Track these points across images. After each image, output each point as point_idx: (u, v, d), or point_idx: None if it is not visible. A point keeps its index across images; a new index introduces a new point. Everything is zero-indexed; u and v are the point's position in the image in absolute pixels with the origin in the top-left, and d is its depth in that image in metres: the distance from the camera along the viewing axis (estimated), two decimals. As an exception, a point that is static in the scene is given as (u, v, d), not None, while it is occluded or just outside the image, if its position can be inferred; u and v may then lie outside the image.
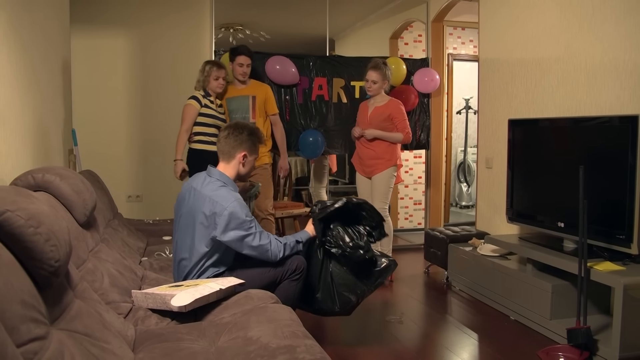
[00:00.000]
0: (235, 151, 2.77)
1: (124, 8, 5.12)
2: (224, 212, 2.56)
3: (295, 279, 2.76)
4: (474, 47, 6.79)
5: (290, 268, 2.73)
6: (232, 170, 2.79)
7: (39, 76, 3.10)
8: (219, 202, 2.58)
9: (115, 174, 5.08)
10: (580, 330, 2.79)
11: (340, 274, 2.90)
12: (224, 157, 2.81)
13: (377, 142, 4.46)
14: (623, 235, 2.91)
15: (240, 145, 2.77)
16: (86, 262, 2.24)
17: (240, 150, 2.77)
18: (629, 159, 2.86)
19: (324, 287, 2.91)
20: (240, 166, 2.80)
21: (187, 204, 2.76)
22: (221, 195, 2.62)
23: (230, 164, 2.79)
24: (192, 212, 2.68)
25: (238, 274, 2.63)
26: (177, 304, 2.14)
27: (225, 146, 2.79)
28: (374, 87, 4.43)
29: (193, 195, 2.73)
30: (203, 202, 2.63)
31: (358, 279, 2.89)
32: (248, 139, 2.79)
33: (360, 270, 2.89)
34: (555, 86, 3.79)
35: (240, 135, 2.78)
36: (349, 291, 2.88)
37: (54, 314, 1.52)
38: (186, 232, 2.72)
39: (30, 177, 2.28)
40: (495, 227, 4.47)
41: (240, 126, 2.82)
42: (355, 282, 2.89)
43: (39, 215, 1.48)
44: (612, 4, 3.28)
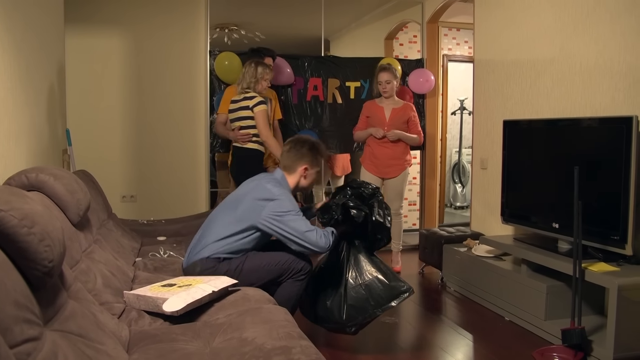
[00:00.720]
0: (297, 165, 2.92)
1: (119, 7, 5.10)
2: (274, 199, 2.71)
3: (299, 279, 2.78)
4: (469, 48, 6.80)
5: (295, 268, 2.76)
6: (293, 180, 2.94)
7: (33, 76, 3.09)
8: (273, 192, 2.73)
9: (110, 174, 5.06)
10: (574, 330, 2.79)
11: (354, 286, 2.90)
12: (286, 169, 2.94)
13: (397, 143, 4.69)
14: (617, 236, 2.92)
15: (302, 159, 2.92)
16: (80, 263, 2.22)
17: (302, 164, 2.92)
18: (623, 160, 2.87)
19: (336, 296, 2.91)
20: (302, 179, 2.95)
21: (240, 190, 2.88)
22: (277, 190, 2.76)
23: (291, 176, 2.94)
24: (240, 196, 2.81)
25: (251, 258, 2.73)
26: (169, 309, 2.12)
27: (287, 160, 2.94)
28: (389, 87, 4.66)
29: (250, 184, 2.87)
30: (257, 189, 2.78)
31: (370, 296, 2.87)
32: (309, 152, 2.93)
33: (373, 288, 2.89)
34: (550, 87, 3.80)
35: (302, 149, 2.92)
36: (359, 307, 2.87)
37: (48, 314, 1.51)
38: (224, 212, 2.83)
39: (23, 177, 2.27)
40: (490, 228, 4.48)
41: (302, 140, 2.97)
42: (367, 299, 2.87)
43: (33, 215, 1.47)
44: (606, 6, 3.29)
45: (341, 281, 2.92)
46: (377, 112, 4.71)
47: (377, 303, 2.87)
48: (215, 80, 5.05)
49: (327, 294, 2.94)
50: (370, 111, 4.77)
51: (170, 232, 4.02)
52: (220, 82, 5.04)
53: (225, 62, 4.96)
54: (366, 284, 2.89)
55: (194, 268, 2.74)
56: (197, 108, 5.32)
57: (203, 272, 2.70)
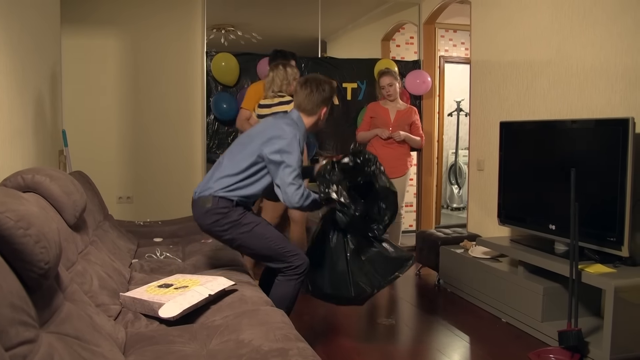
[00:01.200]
0: (318, 108, 2.90)
1: (115, 8, 5.09)
2: (285, 138, 2.71)
3: (294, 278, 2.78)
4: (465, 50, 6.81)
5: (294, 263, 2.77)
6: (311, 121, 2.93)
7: (29, 76, 3.08)
8: (285, 131, 2.73)
9: (106, 175, 5.04)
10: (571, 332, 2.80)
11: (357, 263, 2.91)
12: (305, 111, 2.91)
13: (401, 144, 4.86)
14: (614, 238, 2.92)
15: (324, 102, 2.91)
16: (76, 264, 2.22)
17: (323, 107, 2.91)
18: (619, 162, 2.88)
19: (340, 274, 2.92)
20: (319, 120, 2.95)
21: (256, 128, 2.89)
22: (290, 130, 2.75)
23: (310, 117, 2.92)
24: (255, 133, 2.82)
25: (264, 226, 2.79)
26: (165, 315, 2.12)
27: (309, 103, 2.89)
28: (392, 89, 4.79)
29: (267, 122, 2.89)
30: (274, 127, 2.79)
31: (375, 270, 2.90)
32: (330, 95, 2.92)
33: (377, 261, 2.92)
34: (546, 89, 3.80)
35: (324, 92, 2.89)
36: (366, 281, 2.90)
37: (44, 316, 1.50)
38: (238, 147, 2.83)
39: (19, 178, 2.26)
40: (486, 230, 4.48)
41: (322, 81, 2.92)
42: (372, 274, 2.90)
43: (29, 217, 1.46)
44: (603, 7, 3.30)
45: (343, 259, 2.93)
46: (382, 114, 4.79)
47: (382, 275, 2.91)
48: (211, 81, 5.04)
49: (331, 273, 2.95)
50: (375, 112, 4.85)
51: (167, 233, 4.01)
52: (217, 82, 5.03)
53: (221, 63, 4.96)
54: (369, 259, 2.92)
55: (205, 204, 2.72)
56: (193, 109, 5.31)
57: (213, 211, 2.71)
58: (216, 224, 2.72)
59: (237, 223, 2.72)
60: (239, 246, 2.83)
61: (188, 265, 3.11)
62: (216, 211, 2.70)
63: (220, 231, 2.75)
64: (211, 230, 2.78)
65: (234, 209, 2.73)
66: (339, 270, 2.93)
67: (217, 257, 3.22)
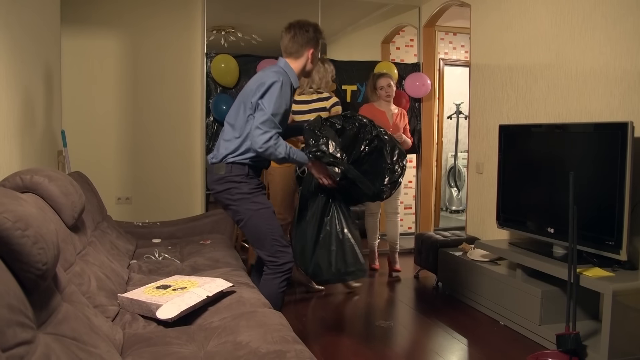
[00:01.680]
0: (304, 49, 2.87)
1: (115, 9, 5.09)
2: (267, 81, 2.70)
3: (277, 276, 2.81)
4: (465, 53, 6.82)
5: (279, 260, 2.81)
6: (299, 65, 2.89)
7: (29, 76, 3.08)
8: (270, 76, 2.73)
9: (105, 175, 5.04)
10: (569, 335, 2.79)
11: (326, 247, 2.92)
12: (291, 55, 2.90)
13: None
14: (612, 242, 2.92)
15: (308, 43, 2.88)
16: (74, 265, 2.22)
17: (309, 48, 2.88)
18: (618, 166, 2.88)
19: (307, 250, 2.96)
20: (308, 62, 2.90)
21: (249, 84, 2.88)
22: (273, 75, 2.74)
23: (297, 60, 2.89)
24: (247, 90, 2.82)
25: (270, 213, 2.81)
26: (163, 316, 2.12)
27: (294, 46, 2.88)
28: (391, 90, 4.77)
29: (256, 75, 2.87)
30: (264, 74, 2.79)
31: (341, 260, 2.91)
32: (314, 35, 2.90)
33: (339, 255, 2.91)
34: (545, 92, 3.80)
35: (307, 33, 2.88)
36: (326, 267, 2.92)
37: (41, 317, 1.50)
38: (235, 109, 2.85)
39: (18, 179, 2.26)
40: (485, 232, 4.48)
41: (304, 24, 2.91)
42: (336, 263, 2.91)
43: (27, 218, 1.46)
44: (602, 12, 3.31)
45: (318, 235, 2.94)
46: (379, 116, 4.72)
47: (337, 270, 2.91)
48: (211, 83, 5.05)
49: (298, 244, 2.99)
50: (372, 115, 4.79)
51: (166, 234, 4.02)
52: (217, 84, 5.03)
53: (221, 65, 4.96)
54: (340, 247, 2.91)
55: (218, 171, 2.80)
56: (193, 110, 5.31)
57: (226, 179, 2.77)
58: (228, 192, 2.78)
59: (247, 198, 2.77)
60: (239, 221, 2.84)
61: (186, 266, 3.11)
62: (230, 179, 2.77)
63: (229, 200, 2.79)
64: (221, 197, 2.83)
65: (247, 180, 2.78)
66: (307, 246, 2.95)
67: (216, 259, 3.22)
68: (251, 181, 2.80)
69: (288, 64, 2.88)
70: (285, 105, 2.73)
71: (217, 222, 4.18)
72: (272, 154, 2.68)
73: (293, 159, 2.74)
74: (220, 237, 3.91)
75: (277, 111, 2.68)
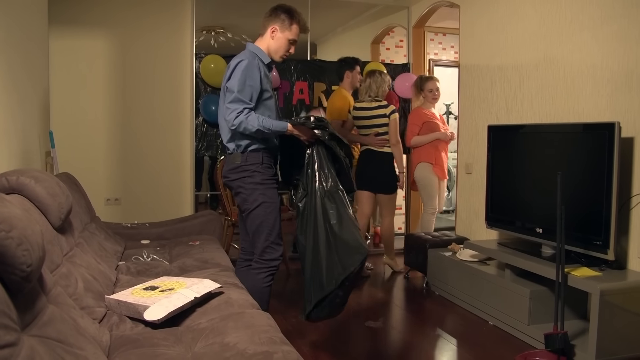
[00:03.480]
0: (267, 26, 2.96)
1: (104, 9, 5.07)
2: (232, 64, 2.83)
3: (262, 271, 2.87)
4: (454, 53, 6.84)
5: (265, 256, 2.88)
6: (264, 44, 2.97)
7: (16, 76, 3.06)
8: (235, 59, 2.86)
9: (94, 176, 5.02)
10: (557, 335, 2.81)
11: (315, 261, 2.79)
12: (260, 35, 3.00)
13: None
14: (600, 242, 2.94)
15: (272, 20, 2.96)
16: (60, 267, 2.20)
17: (271, 25, 2.94)
18: (605, 166, 2.90)
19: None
20: (270, 40, 2.96)
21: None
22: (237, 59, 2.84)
23: (262, 39, 2.99)
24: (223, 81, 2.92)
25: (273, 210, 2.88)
26: (150, 318, 2.11)
27: (262, 26, 2.99)
28: (438, 93, 5.00)
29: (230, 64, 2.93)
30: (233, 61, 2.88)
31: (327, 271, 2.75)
32: (281, 15, 2.94)
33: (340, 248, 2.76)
34: (534, 93, 3.82)
35: (275, 11, 2.95)
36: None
37: (26, 319, 1.48)
38: (222, 103, 2.92)
39: (4, 180, 2.24)
40: (474, 233, 4.50)
41: (277, 6, 2.98)
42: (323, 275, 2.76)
43: (11, 219, 1.44)
44: (589, 13, 3.33)
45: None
46: (434, 118, 4.97)
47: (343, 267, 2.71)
48: (200, 83, 5.04)
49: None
50: (427, 117, 4.95)
51: (154, 235, 4.00)
52: (206, 84, 5.02)
53: (211, 65, 4.95)
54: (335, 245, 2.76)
55: (235, 160, 2.89)
56: (182, 111, 5.30)
57: (242, 168, 2.86)
58: (242, 180, 2.87)
59: (258, 188, 2.86)
60: (245, 210, 2.91)
61: (175, 267, 3.10)
62: (245, 168, 2.86)
63: (241, 187, 2.88)
64: (234, 185, 2.91)
65: (261, 170, 2.87)
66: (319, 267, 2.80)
67: (204, 260, 3.21)
68: (266, 171, 2.89)
69: (255, 44, 2.98)
70: (251, 80, 2.78)
71: (206, 223, 4.17)
72: (246, 129, 2.74)
73: (269, 129, 2.77)
74: (209, 238, 3.89)
75: (242, 87, 2.75)
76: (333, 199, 2.79)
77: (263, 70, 2.88)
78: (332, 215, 2.77)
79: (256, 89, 2.80)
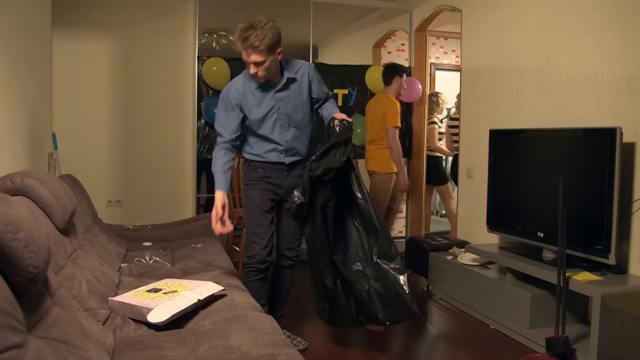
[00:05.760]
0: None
1: (107, 11, 5.09)
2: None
3: (245, 267, 3.02)
4: (456, 57, 6.85)
5: (247, 253, 3.01)
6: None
7: (20, 78, 3.07)
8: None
9: (96, 178, 5.03)
10: (558, 339, 2.81)
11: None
12: None
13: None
14: (601, 246, 2.95)
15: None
16: (64, 269, 2.21)
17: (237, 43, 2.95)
18: (607, 171, 2.90)
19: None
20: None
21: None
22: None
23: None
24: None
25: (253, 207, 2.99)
26: (154, 320, 2.12)
27: None
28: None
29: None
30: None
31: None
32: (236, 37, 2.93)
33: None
34: (536, 97, 3.83)
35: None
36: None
37: (32, 321, 1.49)
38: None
39: (8, 181, 2.25)
40: (475, 236, 4.50)
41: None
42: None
43: (18, 221, 1.45)
44: (592, 19, 3.34)
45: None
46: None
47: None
48: (203, 86, 5.05)
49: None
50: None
51: (156, 237, 4.01)
52: (208, 87, 5.03)
53: (213, 68, 4.96)
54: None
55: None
56: (184, 113, 5.31)
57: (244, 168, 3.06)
58: (244, 178, 3.06)
59: (245, 187, 3.03)
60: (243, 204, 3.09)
61: (177, 269, 3.11)
62: (244, 169, 3.07)
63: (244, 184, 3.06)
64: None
65: (247, 172, 3.03)
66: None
67: (207, 262, 3.21)
68: (251, 173, 3.01)
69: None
70: (225, 111, 2.86)
71: (208, 225, 4.12)
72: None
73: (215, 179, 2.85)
74: (211, 240, 3.90)
75: (216, 121, 2.90)
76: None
77: (246, 90, 2.86)
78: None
79: (222, 124, 2.87)
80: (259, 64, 2.73)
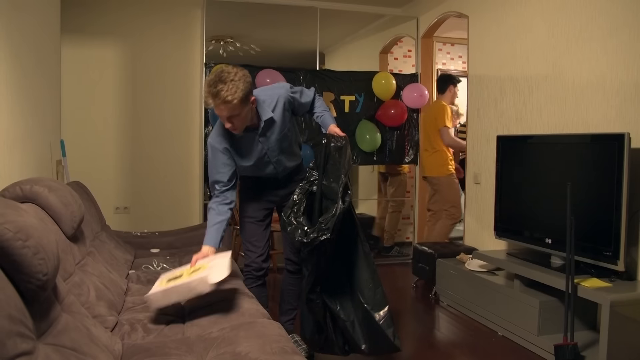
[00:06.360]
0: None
1: (115, 18, 5.12)
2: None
3: (245, 275, 3.07)
4: (463, 63, 6.85)
5: (245, 261, 3.08)
6: None
7: (29, 85, 3.09)
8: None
9: (104, 185, 5.05)
10: (567, 346, 2.80)
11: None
12: None
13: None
14: (610, 252, 2.93)
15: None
16: (73, 276, 2.22)
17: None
18: (615, 177, 2.89)
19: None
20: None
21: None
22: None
23: None
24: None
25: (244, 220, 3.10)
26: (216, 279, 2.23)
27: None
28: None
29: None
30: None
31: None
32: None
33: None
34: (543, 103, 3.83)
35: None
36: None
37: (41, 328, 1.50)
38: None
39: (18, 189, 2.26)
40: (483, 243, 4.49)
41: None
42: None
43: (28, 228, 1.46)
44: (598, 24, 3.33)
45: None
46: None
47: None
48: (210, 93, 5.05)
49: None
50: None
51: (164, 244, 4.01)
52: (216, 94, 5.03)
53: (220, 75, 4.96)
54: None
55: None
56: (191, 120, 5.33)
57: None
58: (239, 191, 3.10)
59: (239, 197, 3.10)
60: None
61: (185, 276, 3.11)
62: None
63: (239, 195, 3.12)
64: None
65: (242, 183, 3.06)
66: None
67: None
68: (242, 184, 3.07)
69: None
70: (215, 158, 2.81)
71: (216, 232, 4.17)
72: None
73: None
74: (218, 247, 3.90)
75: (210, 170, 2.86)
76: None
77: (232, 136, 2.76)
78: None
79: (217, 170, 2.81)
80: (234, 117, 2.56)
